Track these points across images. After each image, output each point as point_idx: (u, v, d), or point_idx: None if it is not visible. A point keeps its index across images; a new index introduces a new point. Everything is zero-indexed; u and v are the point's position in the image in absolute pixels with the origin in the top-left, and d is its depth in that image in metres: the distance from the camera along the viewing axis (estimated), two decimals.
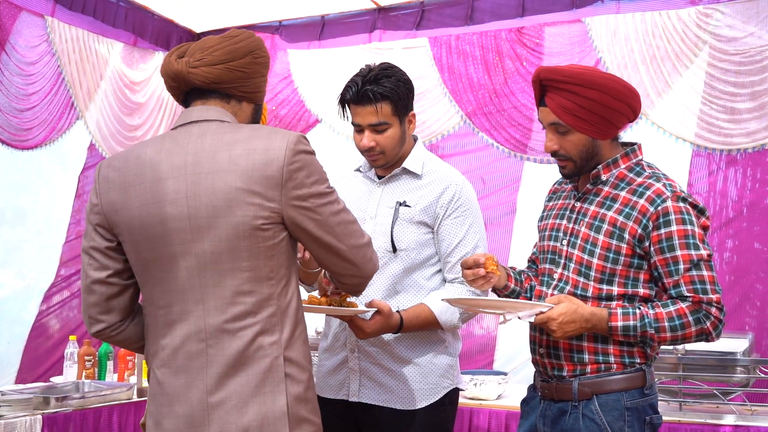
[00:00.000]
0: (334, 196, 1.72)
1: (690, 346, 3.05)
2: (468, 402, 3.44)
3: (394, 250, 2.29)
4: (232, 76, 1.73)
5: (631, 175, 2.05)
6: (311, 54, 5.11)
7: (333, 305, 2.11)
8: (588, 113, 1.99)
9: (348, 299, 2.14)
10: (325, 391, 2.38)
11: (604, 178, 2.07)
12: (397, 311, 2.22)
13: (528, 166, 4.50)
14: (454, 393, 2.37)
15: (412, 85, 2.34)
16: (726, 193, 4.06)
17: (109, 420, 3.32)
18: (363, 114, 2.28)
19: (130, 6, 4.94)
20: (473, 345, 4.48)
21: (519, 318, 1.99)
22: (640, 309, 1.96)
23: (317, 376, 2.44)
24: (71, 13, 4.63)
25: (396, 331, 2.22)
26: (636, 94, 2.04)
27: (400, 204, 2.33)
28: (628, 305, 1.99)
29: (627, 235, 1.98)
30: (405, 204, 2.33)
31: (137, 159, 1.70)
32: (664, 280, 1.97)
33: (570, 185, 2.19)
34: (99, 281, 1.74)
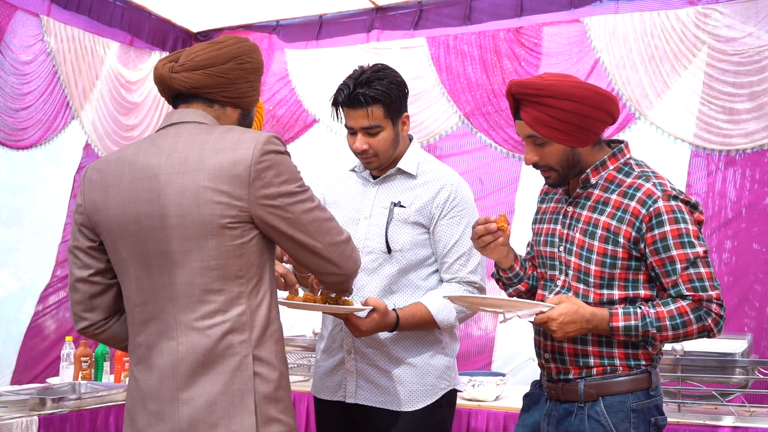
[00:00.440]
0: (306, 194, 1.71)
1: (689, 347, 3.04)
2: (466, 403, 3.42)
3: (388, 250, 2.28)
4: (212, 81, 1.74)
5: (621, 176, 2.04)
6: (309, 54, 5.09)
7: (329, 303, 2.09)
8: (563, 123, 1.97)
9: (344, 297, 2.12)
10: (322, 393, 2.37)
11: (593, 181, 2.06)
12: (393, 309, 2.20)
13: (526, 166, 4.47)
14: (451, 394, 2.35)
15: (405, 87, 2.32)
16: (725, 194, 4.06)
17: (106, 421, 3.29)
18: (355, 117, 2.26)
19: (126, 5, 4.92)
20: (471, 346, 4.46)
21: (519, 317, 1.98)
22: (641, 308, 1.95)
23: (315, 377, 2.43)
24: (67, 13, 4.61)
25: (392, 330, 2.21)
26: (611, 98, 2.02)
27: (394, 204, 2.32)
28: (629, 305, 1.98)
29: (622, 239, 1.97)
30: (400, 204, 2.32)
31: (118, 160, 1.75)
32: (662, 280, 1.97)
33: (561, 188, 2.18)
34: (82, 279, 1.79)
